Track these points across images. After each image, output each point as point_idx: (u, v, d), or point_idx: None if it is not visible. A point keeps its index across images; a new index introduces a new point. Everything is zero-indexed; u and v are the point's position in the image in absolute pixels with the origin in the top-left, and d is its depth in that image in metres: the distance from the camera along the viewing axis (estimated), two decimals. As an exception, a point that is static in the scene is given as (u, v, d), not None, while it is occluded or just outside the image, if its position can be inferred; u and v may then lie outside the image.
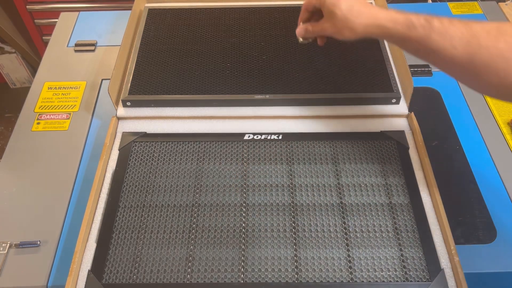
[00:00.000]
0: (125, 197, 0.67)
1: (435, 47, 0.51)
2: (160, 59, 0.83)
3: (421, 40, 0.52)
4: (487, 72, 0.48)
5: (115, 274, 0.60)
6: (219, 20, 0.91)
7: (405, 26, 0.53)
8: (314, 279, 0.59)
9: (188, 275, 0.60)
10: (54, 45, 0.98)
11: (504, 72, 0.47)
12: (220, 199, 0.67)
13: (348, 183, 0.68)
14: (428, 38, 0.51)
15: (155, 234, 0.63)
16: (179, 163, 0.71)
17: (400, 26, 0.54)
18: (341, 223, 0.64)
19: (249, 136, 0.74)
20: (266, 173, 0.70)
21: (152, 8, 0.93)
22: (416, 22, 0.52)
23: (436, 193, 0.66)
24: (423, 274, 0.59)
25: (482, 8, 1.04)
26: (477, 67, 0.49)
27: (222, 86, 0.78)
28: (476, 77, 0.50)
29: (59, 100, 0.86)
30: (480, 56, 0.48)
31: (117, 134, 0.76)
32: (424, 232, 0.63)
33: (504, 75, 0.47)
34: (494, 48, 0.47)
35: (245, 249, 0.62)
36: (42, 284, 0.62)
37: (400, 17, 0.54)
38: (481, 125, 0.80)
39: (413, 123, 0.75)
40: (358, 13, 0.57)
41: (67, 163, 0.75)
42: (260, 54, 0.83)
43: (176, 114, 0.77)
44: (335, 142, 0.73)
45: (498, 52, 0.47)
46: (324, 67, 0.81)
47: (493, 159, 0.75)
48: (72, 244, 0.62)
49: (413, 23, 0.53)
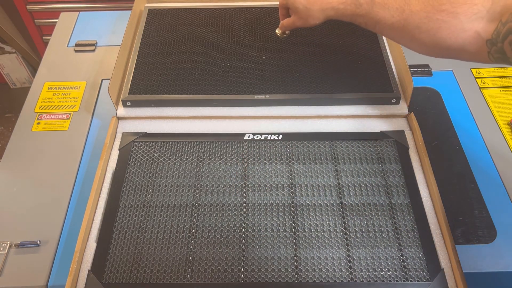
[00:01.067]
0: (125, 197, 0.67)
1: (378, 19, 0.61)
2: (160, 59, 0.83)
3: (367, 14, 0.62)
4: (420, 32, 0.57)
5: (115, 274, 0.60)
6: (219, 20, 0.91)
7: (353, 5, 0.64)
8: (314, 279, 0.59)
9: (188, 275, 0.60)
10: (54, 45, 0.98)
11: (433, 30, 0.56)
12: (220, 199, 0.67)
13: (348, 183, 0.68)
14: (372, 12, 0.62)
15: (155, 234, 0.63)
16: (179, 163, 0.71)
17: (349, 6, 0.64)
18: (341, 223, 0.64)
19: (249, 136, 0.74)
20: (266, 173, 0.70)
21: (152, 8, 0.93)
22: (361, 0, 0.63)
23: (436, 193, 0.66)
24: (423, 274, 0.59)
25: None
26: (411, 29, 0.58)
27: (222, 86, 0.78)
28: (412, 39, 0.59)
29: (59, 100, 0.86)
30: (413, 20, 0.58)
31: (117, 134, 0.76)
32: (424, 232, 0.63)
33: (433, 32, 0.56)
34: (422, 12, 0.57)
35: (245, 249, 0.62)
36: (42, 284, 0.62)
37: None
38: (481, 125, 0.80)
39: (413, 123, 0.75)
40: (314, 2, 0.67)
41: (67, 163, 0.76)
42: (260, 54, 0.83)
43: (176, 114, 0.77)
44: (335, 142, 0.73)
45: (425, 15, 0.56)
46: (324, 67, 0.81)
47: (493, 159, 0.75)
48: (72, 244, 0.62)
49: (359, 1, 0.63)
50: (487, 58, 0.55)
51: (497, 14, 0.53)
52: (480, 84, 0.88)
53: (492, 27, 0.53)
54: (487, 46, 0.54)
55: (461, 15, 0.54)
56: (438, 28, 0.56)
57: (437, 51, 0.59)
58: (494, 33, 0.53)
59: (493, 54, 0.54)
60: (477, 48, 0.55)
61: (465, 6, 0.54)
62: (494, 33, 0.53)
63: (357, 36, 0.86)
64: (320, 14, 0.68)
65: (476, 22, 0.54)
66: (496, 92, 0.87)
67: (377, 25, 0.62)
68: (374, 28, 0.64)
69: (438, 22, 0.56)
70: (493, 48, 0.53)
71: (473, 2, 0.54)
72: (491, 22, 0.53)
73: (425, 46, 0.59)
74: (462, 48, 0.56)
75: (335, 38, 0.86)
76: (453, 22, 0.55)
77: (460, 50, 0.56)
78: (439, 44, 0.57)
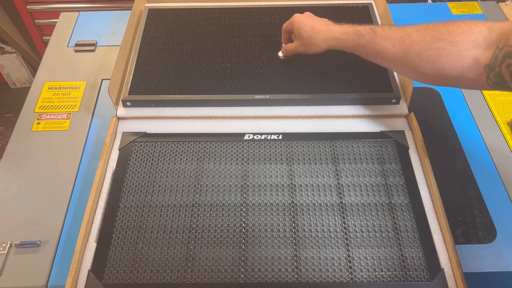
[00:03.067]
0: (125, 197, 0.67)
1: (379, 49, 0.63)
2: (160, 59, 0.83)
3: (368, 44, 0.64)
4: (420, 61, 0.59)
5: (115, 274, 0.60)
6: (219, 20, 0.91)
7: (355, 35, 0.66)
8: (314, 279, 0.59)
9: (188, 275, 0.60)
10: (54, 45, 0.98)
11: (433, 58, 0.58)
12: (220, 199, 0.67)
13: (348, 183, 0.68)
14: (373, 42, 0.64)
15: (155, 234, 0.63)
16: (179, 163, 0.71)
17: (351, 36, 0.67)
18: (341, 223, 0.64)
19: (249, 136, 0.74)
20: (266, 173, 0.70)
21: (152, 8, 0.93)
22: (363, 31, 0.65)
23: (436, 193, 0.66)
24: (423, 274, 0.59)
25: (482, 8, 1.04)
26: (411, 58, 0.60)
27: (222, 86, 0.78)
28: (413, 68, 0.61)
29: (59, 100, 0.86)
30: (413, 49, 0.60)
31: (117, 134, 0.76)
32: (424, 232, 0.63)
33: (433, 60, 0.58)
34: (423, 41, 0.59)
35: (245, 249, 0.62)
36: (42, 284, 0.62)
37: (351, 29, 0.67)
38: (481, 125, 0.80)
39: (413, 123, 0.75)
40: (318, 31, 0.71)
41: (67, 163, 0.75)
42: (260, 54, 0.83)
43: (176, 114, 0.77)
44: (335, 142, 0.73)
45: (426, 44, 0.58)
46: (324, 67, 0.81)
47: (493, 159, 0.75)
48: (72, 244, 0.62)
49: (361, 32, 0.65)
50: (486, 83, 0.56)
51: (494, 40, 0.54)
52: (480, 84, 0.88)
53: (489, 53, 0.54)
54: (486, 71, 0.55)
55: (459, 43, 0.56)
56: (438, 56, 0.57)
57: (437, 78, 0.60)
58: (492, 58, 0.54)
59: (492, 79, 0.54)
60: (476, 74, 0.56)
61: (464, 35, 0.56)
62: (492, 58, 0.54)
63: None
64: (323, 43, 0.70)
65: (474, 49, 0.55)
66: (496, 92, 0.86)
67: (378, 55, 0.64)
68: (375, 58, 0.65)
69: (438, 50, 0.57)
70: (492, 73, 0.54)
71: (470, 31, 0.56)
72: (489, 49, 0.55)
73: (426, 75, 0.60)
74: (462, 75, 0.57)
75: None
76: (452, 50, 0.56)
77: (459, 77, 0.57)
78: (439, 71, 0.58)
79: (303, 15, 0.74)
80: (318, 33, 0.70)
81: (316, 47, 0.71)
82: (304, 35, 0.72)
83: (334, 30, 0.69)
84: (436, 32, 0.58)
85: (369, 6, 0.93)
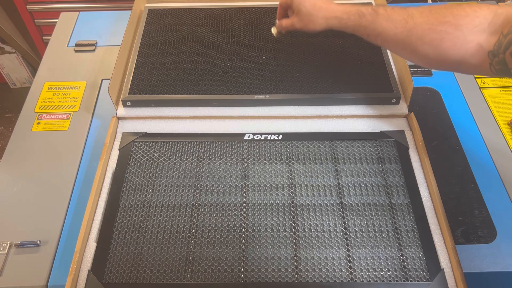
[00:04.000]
0: (125, 197, 0.67)
1: (381, 30, 0.62)
2: (160, 59, 0.83)
3: (370, 25, 0.63)
4: (422, 43, 0.58)
5: (115, 274, 0.60)
6: (219, 20, 0.91)
7: (356, 15, 0.64)
8: (314, 279, 0.59)
9: (188, 275, 0.60)
10: (54, 45, 0.98)
11: (436, 42, 0.56)
12: (220, 199, 0.67)
13: (348, 183, 0.68)
14: (375, 23, 0.62)
15: (155, 234, 0.63)
16: (179, 163, 0.71)
17: (352, 16, 0.65)
18: (341, 223, 0.64)
19: (249, 136, 0.74)
20: (266, 173, 0.70)
21: (152, 8, 0.93)
22: (365, 11, 0.63)
23: (436, 193, 0.66)
24: (423, 274, 0.59)
25: (482, 8, 1.04)
26: (413, 40, 0.58)
27: (222, 86, 0.78)
28: (415, 50, 0.59)
29: (59, 100, 0.86)
30: (416, 31, 0.58)
31: (117, 134, 0.76)
32: (424, 232, 0.63)
33: (436, 44, 0.56)
34: (426, 24, 0.57)
35: (245, 249, 0.62)
36: (42, 284, 0.62)
37: (353, 9, 0.65)
38: (481, 125, 0.80)
39: (413, 123, 0.75)
40: (320, 8, 0.67)
41: (67, 163, 0.76)
42: (260, 54, 0.83)
43: (176, 114, 0.77)
44: (335, 142, 0.73)
45: (429, 26, 0.57)
46: (324, 67, 0.81)
47: (493, 159, 0.75)
48: (72, 244, 0.62)
49: (363, 12, 0.63)
50: (488, 70, 0.55)
51: (498, 26, 0.53)
52: (480, 84, 0.88)
53: (494, 39, 0.53)
54: (489, 58, 0.54)
55: (463, 27, 0.55)
56: (441, 40, 0.56)
57: (439, 62, 0.59)
58: (496, 44, 0.53)
59: (495, 66, 0.54)
60: (479, 59, 0.55)
61: (468, 19, 0.54)
62: (496, 44, 0.53)
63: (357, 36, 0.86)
64: (323, 21, 0.68)
65: (478, 34, 0.54)
66: (496, 92, 0.86)
67: (380, 36, 0.63)
68: (376, 40, 0.64)
69: (441, 34, 0.56)
70: (495, 60, 0.53)
71: (475, 15, 0.54)
72: (493, 34, 0.54)
73: (427, 58, 0.59)
74: (464, 60, 0.56)
75: (335, 38, 0.86)
76: (456, 34, 0.55)
77: (462, 61, 0.56)
78: (441, 55, 0.57)
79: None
80: (319, 10, 0.67)
81: (315, 24, 0.69)
82: (304, 11, 0.69)
83: (336, 9, 0.67)
84: (440, 15, 0.56)
85: (369, 6, 0.93)
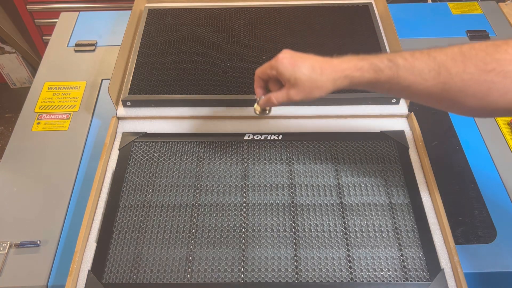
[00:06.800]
0: (125, 197, 0.67)
1: (406, 84, 0.52)
2: (160, 59, 0.83)
3: (391, 80, 0.53)
4: (464, 96, 0.50)
5: (115, 274, 0.60)
6: (219, 20, 0.91)
7: (372, 71, 0.54)
8: (314, 279, 0.59)
9: (188, 275, 0.60)
10: (54, 45, 0.98)
11: (481, 94, 0.49)
12: (220, 199, 0.67)
13: (348, 183, 0.68)
14: (397, 77, 0.52)
15: (155, 234, 0.63)
16: (179, 163, 0.71)
17: (367, 73, 0.54)
18: (341, 223, 0.64)
19: (249, 136, 0.74)
20: (266, 173, 0.70)
21: (152, 8, 0.93)
22: (381, 65, 0.53)
23: (436, 193, 0.66)
24: (423, 274, 0.59)
25: (482, 8, 1.04)
26: (452, 94, 0.50)
27: (222, 86, 0.78)
28: (455, 103, 0.51)
29: (59, 100, 0.86)
30: (454, 84, 0.49)
31: (117, 134, 0.76)
32: (424, 232, 0.63)
33: (481, 96, 0.49)
34: (465, 74, 0.49)
35: (245, 249, 0.62)
36: (42, 284, 0.62)
37: (365, 64, 0.54)
38: (481, 125, 0.80)
39: (413, 123, 0.75)
40: (322, 70, 0.56)
41: (67, 163, 0.75)
42: (260, 54, 0.83)
43: (176, 114, 0.77)
44: (335, 142, 0.73)
45: (470, 77, 0.48)
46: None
47: (493, 159, 0.75)
48: (72, 244, 0.62)
49: (379, 66, 0.53)
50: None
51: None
52: (480, 84, 0.88)
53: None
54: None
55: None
56: (488, 90, 0.48)
57: (488, 113, 0.52)
58: None
59: None
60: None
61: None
62: None
63: (357, 36, 0.86)
64: (330, 84, 0.56)
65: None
66: (496, 92, 0.86)
67: (405, 91, 0.53)
68: (400, 94, 0.56)
69: (487, 84, 0.48)
70: None
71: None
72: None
73: (472, 110, 0.52)
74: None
75: (335, 38, 0.86)
76: (505, 83, 0.48)
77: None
78: (489, 106, 0.49)
79: (287, 54, 0.58)
80: (323, 73, 0.55)
81: (322, 90, 0.56)
82: (304, 78, 0.56)
83: (343, 66, 0.55)
84: (481, 61, 0.48)
85: (369, 6, 0.93)
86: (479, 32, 0.97)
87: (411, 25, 1.00)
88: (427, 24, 1.01)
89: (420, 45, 1.00)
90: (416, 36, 0.97)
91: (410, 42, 0.95)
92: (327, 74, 0.55)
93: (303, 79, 0.56)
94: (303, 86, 0.57)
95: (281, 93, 0.59)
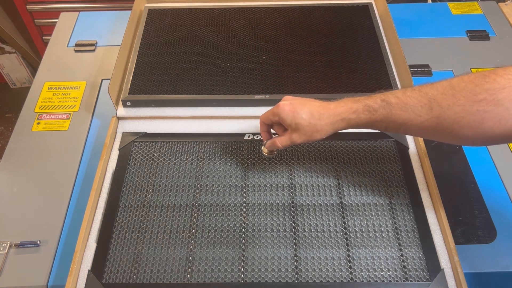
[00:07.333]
0: (125, 197, 0.67)
1: (401, 121, 0.55)
2: (160, 59, 0.83)
3: (386, 119, 0.56)
4: (460, 127, 0.51)
5: (115, 274, 0.60)
6: (219, 20, 0.91)
7: (367, 112, 0.57)
8: (314, 279, 0.59)
9: (188, 275, 0.60)
10: (54, 45, 0.98)
11: (476, 123, 0.50)
12: (220, 199, 0.67)
13: (348, 183, 0.68)
14: (391, 116, 0.55)
15: (155, 234, 0.63)
16: (179, 163, 0.71)
17: (362, 114, 0.57)
18: (341, 223, 0.64)
19: (249, 136, 0.74)
20: (266, 173, 0.70)
21: (152, 8, 0.93)
22: (375, 106, 0.56)
23: (436, 193, 0.66)
24: (423, 274, 0.59)
25: (482, 8, 1.04)
26: (447, 126, 0.52)
27: (222, 86, 0.78)
28: (451, 134, 0.53)
29: (59, 100, 0.86)
30: (447, 116, 0.51)
31: (117, 134, 0.76)
32: (424, 232, 0.63)
33: (476, 125, 0.50)
34: (456, 106, 0.50)
35: (245, 249, 0.62)
36: (42, 284, 0.62)
37: (359, 106, 0.58)
38: (481, 125, 0.80)
39: (413, 123, 0.75)
40: (320, 115, 0.59)
41: (67, 163, 0.76)
42: (260, 54, 0.83)
43: (176, 114, 0.77)
44: (335, 142, 0.73)
45: (462, 108, 0.50)
46: (324, 67, 0.81)
47: (493, 159, 0.75)
48: (72, 244, 0.62)
49: (373, 107, 0.56)
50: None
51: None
52: (480, 84, 0.88)
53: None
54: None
55: (504, 101, 0.48)
56: (482, 120, 0.49)
57: (485, 142, 0.53)
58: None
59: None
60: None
61: (505, 91, 0.48)
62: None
63: (357, 36, 0.87)
64: (329, 127, 0.60)
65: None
66: (496, 92, 0.86)
67: (402, 128, 0.56)
68: (398, 130, 0.57)
69: (480, 114, 0.49)
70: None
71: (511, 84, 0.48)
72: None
73: (468, 140, 0.53)
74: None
75: (335, 38, 0.86)
76: (498, 110, 0.48)
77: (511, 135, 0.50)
78: (485, 135, 0.51)
79: (287, 102, 0.62)
80: (321, 118, 0.59)
81: (322, 133, 0.61)
82: (304, 124, 0.60)
83: (338, 110, 0.59)
84: (470, 93, 0.49)
85: (369, 6, 0.93)
86: (479, 32, 0.97)
87: (411, 25, 1.00)
88: (427, 24, 1.01)
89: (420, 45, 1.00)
90: (416, 36, 0.97)
91: (410, 42, 0.95)
92: (325, 119, 0.59)
93: (304, 124, 0.60)
94: (304, 130, 0.61)
95: (284, 137, 0.63)
